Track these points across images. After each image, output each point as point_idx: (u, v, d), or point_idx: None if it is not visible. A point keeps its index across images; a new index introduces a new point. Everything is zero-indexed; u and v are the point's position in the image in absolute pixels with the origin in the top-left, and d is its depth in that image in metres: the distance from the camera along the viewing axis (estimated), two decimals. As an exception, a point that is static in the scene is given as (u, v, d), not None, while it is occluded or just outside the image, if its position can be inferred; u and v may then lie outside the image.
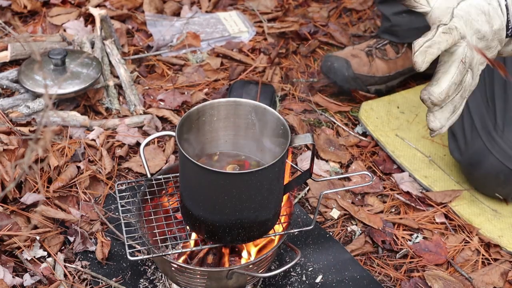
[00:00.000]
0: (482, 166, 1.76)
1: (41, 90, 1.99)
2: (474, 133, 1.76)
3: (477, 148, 1.75)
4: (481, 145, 1.74)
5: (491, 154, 1.72)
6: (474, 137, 1.76)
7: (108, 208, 1.78)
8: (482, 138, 1.73)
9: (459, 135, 1.82)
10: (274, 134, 1.44)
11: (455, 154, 1.85)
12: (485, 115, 1.74)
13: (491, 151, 1.72)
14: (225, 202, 1.36)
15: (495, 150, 1.72)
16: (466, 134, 1.79)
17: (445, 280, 1.64)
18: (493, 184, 1.79)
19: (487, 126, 1.73)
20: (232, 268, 1.42)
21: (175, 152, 1.96)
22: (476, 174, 1.80)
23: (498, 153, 1.71)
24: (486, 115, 1.74)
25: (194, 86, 2.22)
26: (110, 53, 2.21)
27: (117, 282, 1.61)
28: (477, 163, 1.77)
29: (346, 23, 2.52)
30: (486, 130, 1.73)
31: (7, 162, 1.74)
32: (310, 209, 1.84)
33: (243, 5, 2.59)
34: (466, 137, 1.79)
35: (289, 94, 2.20)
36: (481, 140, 1.74)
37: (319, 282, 1.65)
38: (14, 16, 2.43)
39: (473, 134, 1.76)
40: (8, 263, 1.61)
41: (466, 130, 1.79)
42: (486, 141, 1.73)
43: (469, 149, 1.78)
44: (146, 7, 2.48)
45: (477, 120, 1.76)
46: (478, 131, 1.75)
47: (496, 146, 1.71)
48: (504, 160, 1.71)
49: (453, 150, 1.86)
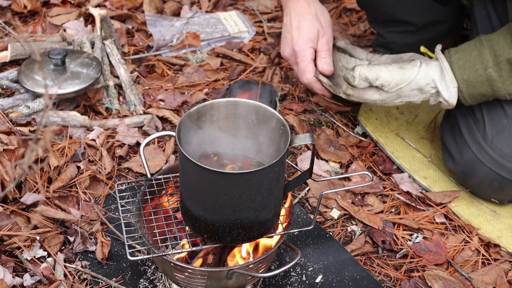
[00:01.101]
0: (476, 176, 1.77)
1: (41, 90, 1.99)
2: (463, 144, 1.77)
3: (468, 159, 1.76)
4: (472, 156, 1.75)
5: (483, 164, 1.73)
6: (465, 148, 1.77)
7: (108, 208, 1.78)
8: (472, 148, 1.75)
9: (451, 145, 1.84)
10: (274, 134, 1.44)
11: (448, 163, 1.87)
12: (473, 126, 1.75)
13: (482, 161, 1.73)
14: (225, 202, 1.36)
15: (486, 160, 1.72)
16: (458, 145, 1.80)
17: (445, 280, 1.64)
18: (488, 191, 1.80)
19: (476, 137, 1.74)
20: (232, 268, 1.42)
21: (175, 152, 1.96)
22: (470, 182, 1.82)
23: (489, 163, 1.72)
24: (474, 126, 1.75)
25: (194, 86, 2.22)
26: (110, 53, 2.21)
27: (117, 282, 1.61)
28: (470, 173, 1.78)
29: (346, 23, 2.52)
30: (475, 141, 1.74)
31: (7, 162, 1.74)
32: (310, 209, 1.84)
33: (243, 5, 2.59)
34: (458, 148, 1.80)
35: (289, 94, 2.20)
36: (471, 151, 1.75)
37: (319, 282, 1.65)
38: (14, 16, 2.43)
39: (463, 145, 1.77)
40: (8, 263, 1.61)
41: (457, 141, 1.81)
42: (476, 152, 1.74)
43: (461, 160, 1.79)
44: (146, 7, 2.48)
45: (465, 131, 1.77)
46: (467, 142, 1.76)
47: (486, 156, 1.72)
48: (496, 168, 1.72)
49: (447, 160, 1.87)
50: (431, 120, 2.10)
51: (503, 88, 1.64)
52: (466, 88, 1.66)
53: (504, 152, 1.70)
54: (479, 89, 1.66)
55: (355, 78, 1.69)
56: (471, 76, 1.64)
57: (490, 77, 1.63)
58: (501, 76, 1.62)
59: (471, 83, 1.65)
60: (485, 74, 1.63)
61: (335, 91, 1.83)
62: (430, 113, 2.12)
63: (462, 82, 1.66)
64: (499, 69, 1.62)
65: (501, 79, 1.63)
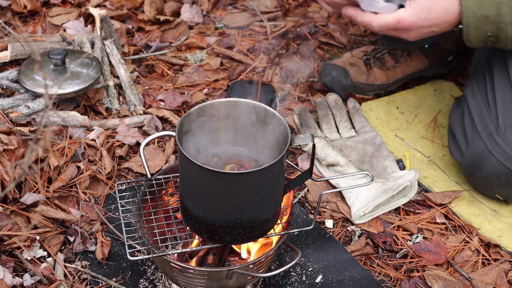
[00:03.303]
0: (484, 168, 1.76)
1: (41, 90, 1.99)
2: (475, 134, 1.76)
3: (478, 150, 1.75)
4: (483, 147, 1.74)
5: (493, 156, 1.72)
6: (475, 138, 1.75)
7: (108, 208, 1.78)
8: (484, 139, 1.73)
9: (460, 136, 1.82)
10: (274, 134, 1.44)
11: (455, 155, 1.85)
12: (486, 117, 1.74)
13: (492, 153, 1.72)
14: (225, 202, 1.36)
15: (497, 152, 1.71)
16: (467, 136, 1.79)
17: (445, 280, 1.64)
18: (494, 185, 1.79)
19: (488, 128, 1.73)
20: (232, 268, 1.42)
21: (175, 152, 1.96)
22: (477, 175, 1.80)
23: (500, 155, 1.71)
24: (487, 117, 1.74)
25: (194, 86, 2.22)
26: (110, 53, 2.21)
27: (117, 282, 1.61)
28: (478, 165, 1.77)
29: (346, 23, 2.52)
30: (488, 132, 1.73)
31: (7, 162, 1.74)
32: (310, 209, 1.84)
33: (244, 5, 2.59)
34: (467, 138, 1.79)
35: (289, 94, 2.20)
36: (482, 142, 1.74)
37: (319, 282, 1.65)
38: (14, 16, 2.43)
39: (474, 135, 1.76)
40: (8, 263, 1.61)
41: (467, 132, 1.79)
42: (487, 143, 1.73)
43: (470, 151, 1.78)
44: (146, 7, 2.47)
45: (478, 121, 1.75)
46: (479, 132, 1.74)
47: (497, 148, 1.71)
48: (506, 162, 1.71)
49: (454, 151, 1.85)
50: (431, 120, 2.09)
51: (508, 14, 1.60)
52: (473, 5, 1.62)
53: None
54: (486, 9, 1.61)
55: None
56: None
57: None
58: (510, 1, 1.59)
59: (479, 1, 1.61)
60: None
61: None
62: (430, 113, 2.12)
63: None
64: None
65: (509, 4, 1.59)
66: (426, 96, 2.18)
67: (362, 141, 1.95)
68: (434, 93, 2.19)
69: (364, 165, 1.89)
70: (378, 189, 1.81)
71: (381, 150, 1.93)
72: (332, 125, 2.01)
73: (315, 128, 1.99)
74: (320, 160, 1.90)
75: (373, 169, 1.88)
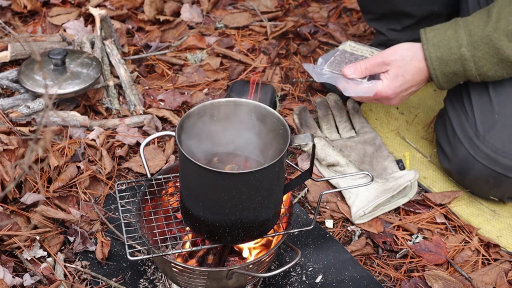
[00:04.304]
0: (470, 173, 1.78)
1: (41, 90, 1.99)
2: (457, 142, 1.79)
3: (462, 157, 1.77)
4: (465, 153, 1.76)
5: (477, 161, 1.74)
6: (458, 146, 1.78)
7: (108, 208, 1.78)
8: (465, 146, 1.76)
9: (445, 145, 1.85)
10: (274, 134, 1.44)
11: (444, 163, 1.88)
12: (465, 123, 1.76)
13: (475, 158, 1.74)
14: (225, 202, 1.36)
15: (479, 156, 1.73)
16: (451, 144, 1.81)
17: (445, 280, 1.64)
18: (485, 188, 1.80)
19: (468, 134, 1.75)
20: (232, 268, 1.42)
21: (175, 152, 1.96)
22: (467, 180, 1.82)
23: (483, 159, 1.73)
24: (466, 123, 1.76)
25: (194, 86, 2.22)
26: (110, 53, 2.21)
27: (117, 282, 1.61)
28: (465, 171, 1.79)
29: (346, 23, 2.52)
30: (468, 138, 1.75)
31: (7, 162, 1.74)
32: (310, 209, 1.84)
33: (243, 5, 2.59)
34: (451, 146, 1.81)
35: (289, 94, 2.20)
36: (464, 148, 1.76)
37: (319, 282, 1.65)
38: (14, 16, 2.43)
39: (456, 143, 1.79)
40: (8, 263, 1.61)
41: (450, 140, 1.82)
42: (469, 149, 1.75)
43: (455, 158, 1.80)
44: (146, 7, 2.47)
45: (458, 129, 1.78)
46: (461, 139, 1.77)
47: (479, 152, 1.73)
48: (490, 164, 1.72)
49: (442, 160, 1.88)
50: (431, 120, 2.09)
51: (474, 68, 1.67)
52: (439, 66, 1.69)
53: (496, 147, 1.70)
54: (452, 67, 1.69)
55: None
56: (444, 54, 1.68)
57: (463, 56, 1.66)
58: (474, 55, 1.66)
59: (444, 61, 1.69)
60: (458, 53, 1.67)
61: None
62: (430, 113, 2.12)
63: (436, 60, 1.69)
64: (473, 48, 1.65)
65: (473, 59, 1.66)
66: (426, 97, 2.18)
67: (362, 141, 1.95)
68: (434, 94, 2.19)
69: (364, 165, 1.89)
70: (378, 189, 1.81)
71: (381, 151, 1.93)
72: (332, 125, 2.01)
73: (315, 128, 1.99)
74: (320, 160, 1.90)
75: (373, 169, 1.88)
